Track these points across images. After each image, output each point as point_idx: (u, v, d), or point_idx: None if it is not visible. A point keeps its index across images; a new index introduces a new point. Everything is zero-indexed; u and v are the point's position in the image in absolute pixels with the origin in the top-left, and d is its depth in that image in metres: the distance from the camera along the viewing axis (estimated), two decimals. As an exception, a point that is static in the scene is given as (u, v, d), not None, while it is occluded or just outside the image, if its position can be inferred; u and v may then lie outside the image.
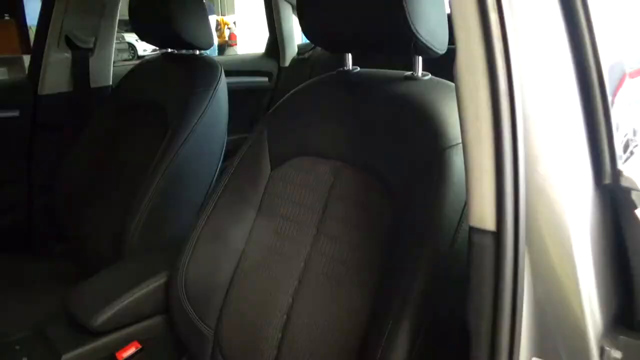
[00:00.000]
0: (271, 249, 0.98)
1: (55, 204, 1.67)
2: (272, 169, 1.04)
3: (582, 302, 0.52)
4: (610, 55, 0.57)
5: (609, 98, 0.54)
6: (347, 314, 0.82)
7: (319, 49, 2.28)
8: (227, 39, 9.57)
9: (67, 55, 1.72)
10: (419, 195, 0.78)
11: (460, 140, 0.76)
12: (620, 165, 0.54)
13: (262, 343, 0.92)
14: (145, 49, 9.59)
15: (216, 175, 1.46)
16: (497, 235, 0.51)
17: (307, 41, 2.46)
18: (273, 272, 0.95)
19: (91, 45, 1.76)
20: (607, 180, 0.54)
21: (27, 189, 1.72)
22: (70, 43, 1.71)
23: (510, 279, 0.51)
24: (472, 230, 0.53)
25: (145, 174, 1.38)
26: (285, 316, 0.91)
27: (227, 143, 1.51)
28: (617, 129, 0.56)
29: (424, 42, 0.80)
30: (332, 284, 0.86)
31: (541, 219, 0.52)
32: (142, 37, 1.60)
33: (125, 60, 9.10)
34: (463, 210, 0.74)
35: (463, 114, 0.53)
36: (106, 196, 1.50)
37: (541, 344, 0.53)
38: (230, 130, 1.52)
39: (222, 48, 9.18)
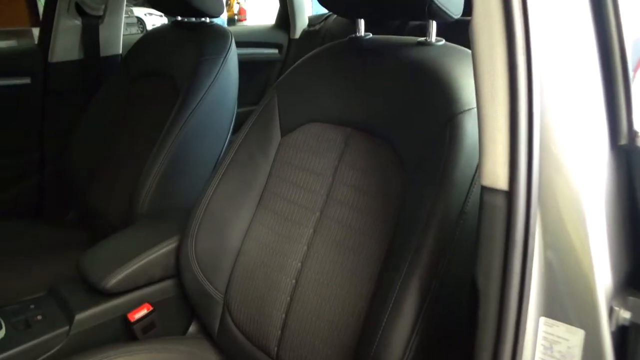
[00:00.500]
0: (281, 215, 0.98)
1: (66, 172, 1.69)
2: (282, 136, 1.03)
3: (592, 263, 0.52)
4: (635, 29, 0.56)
5: (630, 69, 0.53)
6: (356, 278, 0.83)
7: (330, 20, 2.25)
8: (236, 13, 9.45)
9: (77, 22, 1.71)
10: (431, 160, 0.77)
11: (473, 106, 0.76)
12: (637, 126, 0.53)
13: (270, 307, 0.93)
14: (154, 23, 9.50)
15: (226, 144, 1.46)
16: (509, 194, 0.51)
17: (318, 13, 2.43)
18: (282, 237, 0.96)
19: (101, 13, 1.75)
20: (623, 141, 0.53)
21: (38, 156, 1.73)
22: (80, 10, 1.70)
23: (521, 239, 0.51)
24: (484, 190, 0.53)
25: (155, 141, 1.38)
26: (294, 281, 0.92)
27: (236, 116, 1.51)
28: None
29: (439, 4, 0.79)
30: (341, 250, 0.87)
31: (554, 178, 0.52)
32: (153, 5, 1.58)
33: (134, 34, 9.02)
34: (474, 176, 0.74)
35: (478, 71, 0.52)
36: (116, 164, 1.51)
37: (550, 305, 0.54)
38: (239, 102, 1.52)
39: (230, 22, 9.07)
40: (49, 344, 0.95)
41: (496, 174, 0.52)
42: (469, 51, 0.57)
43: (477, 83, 0.52)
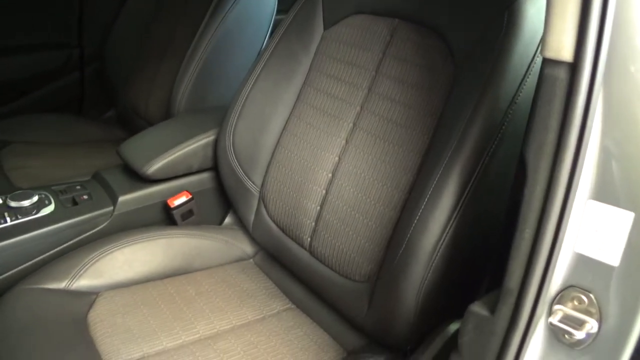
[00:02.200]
0: (320, 109, 0.97)
1: (105, 70, 1.70)
2: (325, 29, 1.00)
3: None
4: None
5: None
6: (395, 170, 0.82)
7: None
8: None
9: None
10: (483, 49, 0.73)
11: (535, -11, 0.70)
12: None
13: (305, 199, 0.95)
14: None
15: (264, 44, 1.42)
16: (574, 66, 0.48)
17: None
18: (321, 132, 0.95)
19: None
20: None
21: (78, 52, 1.74)
22: None
23: (580, 116, 0.49)
24: (546, 62, 0.50)
25: (192, 39, 1.36)
26: (330, 174, 0.92)
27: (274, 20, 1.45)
28: None
29: None
30: (381, 144, 0.85)
31: (625, 54, 0.48)
32: None
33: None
34: (529, 65, 0.70)
35: None
36: (155, 62, 1.51)
37: (600, 188, 0.52)
38: (279, 10, 1.46)
39: None
40: (95, 221, 1.00)
41: (561, 44, 0.48)
42: None
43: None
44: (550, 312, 0.55)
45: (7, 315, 0.80)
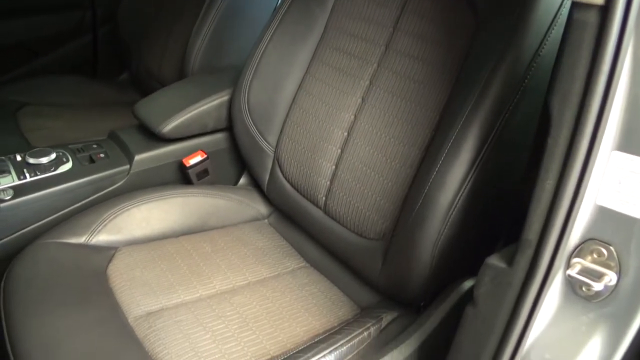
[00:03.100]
0: (336, 67, 0.95)
1: (118, 32, 1.69)
2: (341, -16, 0.97)
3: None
4: None
5: None
6: (412, 127, 0.81)
7: None
8: None
9: None
10: (508, 1, 0.71)
11: None
12: None
13: (320, 159, 0.95)
14: None
15: (279, 1, 1.39)
16: (605, 9, 0.46)
17: None
18: (336, 90, 0.94)
19: None
20: None
21: (91, 15, 1.73)
22: None
23: (609, 63, 0.47)
24: (575, 6, 0.48)
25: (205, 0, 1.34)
26: (345, 133, 0.92)
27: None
28: None
29: None
30: (398, 101, 0.84)
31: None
32: None
33: None
34: (555, 16, 0.68)
35: None
36: (167, 23, 1.49)
37: (626, 139, 0.51)
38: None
39: None
40: (112, 179, 1.02)
41: (593, -14, 0.46)
42: None
43: None
44: (568, 265, 0.55)
45: (30, 267, 0.82)
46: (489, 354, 0.61)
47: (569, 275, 0.55)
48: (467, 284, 0.79)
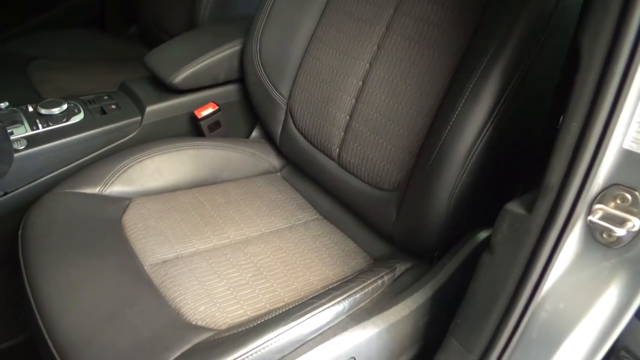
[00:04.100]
0: (350, 14, 0.92)
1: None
2: None
3: None
4: None
5: None
6: (429, 75, 0.79)
7: None
8: None
9: None
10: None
11: None
12: None
13: (334, 109, 0.93)
14: None
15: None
16: None
17: None
18: (351, 38, 0.91)
19: None
20: None
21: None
22: None
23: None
24: None
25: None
26: (360, 82, 0.89)
27: None
28: None
29: None
30: (416, 47, 0.81)
31: None
32: None
33: None
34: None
35: None
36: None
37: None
38: None
39: None
40: (124, 130, 1.01)
41: None
42: None
43: None
44: (589, 211, 0.54)
45: (47, 216, 0.83)
46: (503, 301, 0.61)
47: (590, 221, 0.53)
48: (483, 234, 0.78)
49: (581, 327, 0.58)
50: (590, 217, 0.53)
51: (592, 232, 0.55)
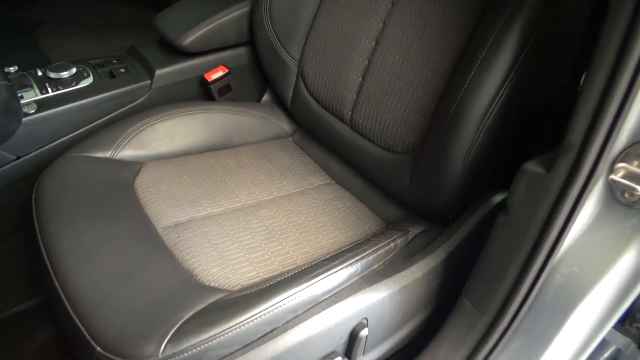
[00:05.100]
0: (364, -29, 0.89)
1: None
2: None
3: None
4: None
5: None
6: (445, 32, 0.76)
7: None
8: None
9: None
10: None
11: None
12: None
13: (346, 71, 0.90)
14: None
15: None
16: None
17: None
18: (364, -4, 0.88)
19: None
20: None
21: None
22: None
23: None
24: None
25: None
26: (374, 43, 0.87)
27: None
28: None
29: None
30: (432, 3, 0.78)
31: None
32: None
33: None
34: None
35: None
36: None
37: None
38: None
39: None
40: (134, 94, 1.00)
41: None
42: None
43: None
44: (612, 170, 0.52)
45: (60, 180, 0.83)
46: (519, 264, 0.60)
47: (612, 181, 0.52)
48: (498, 197, 0.77)
49: (598, 289, 0.57)
50: (612, 176, 0.52)
51: (613, 191, 0.53)
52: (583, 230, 0.56)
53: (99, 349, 0.59)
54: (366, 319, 0.70)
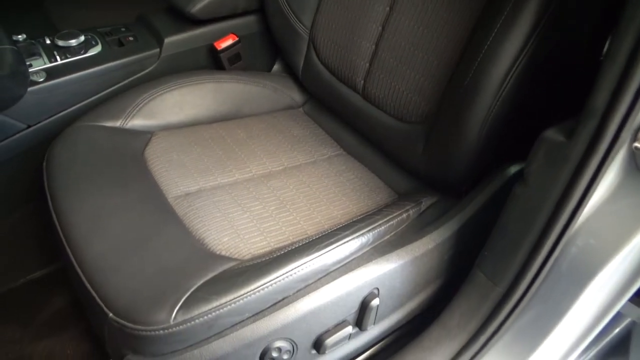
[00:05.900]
0: None
1: None
2: None
3: None
4: None
5: None
6: (460, 2, 0.73)
7: None
8: None
9: None
10: None
11: None
12: None
13: (359, 38, 0.88)
14: None
15: None
16: None
17: None
18: (378, -41, 0.85)
19: None
20: None
21: None
22: None
23: None
24: None
25: None
26: (388, 8, 0.84)
27: None
28: None
29: None
30: (448, -33, 0.75)
31: None
32: None
33: None
34: None
35: None
36: None
37: None
38: None
39: None
40: (142, 63, 0.98)
41: None
42: None
43: None
44: (635, 138, 0.50)
45: (70, 148, 0.82)
46: (534, 235, 0.59)
47: (636, 148, 0.50)
48: (514, 168, 0.75)
49: (615, 261, 0.56)
50: (636, 144, 0.50)
51: (636, 159, 0.51)
52: (602, 201, 0.55)
53: (111, 314, 0.60)
54: (377, 288, 0.69)
